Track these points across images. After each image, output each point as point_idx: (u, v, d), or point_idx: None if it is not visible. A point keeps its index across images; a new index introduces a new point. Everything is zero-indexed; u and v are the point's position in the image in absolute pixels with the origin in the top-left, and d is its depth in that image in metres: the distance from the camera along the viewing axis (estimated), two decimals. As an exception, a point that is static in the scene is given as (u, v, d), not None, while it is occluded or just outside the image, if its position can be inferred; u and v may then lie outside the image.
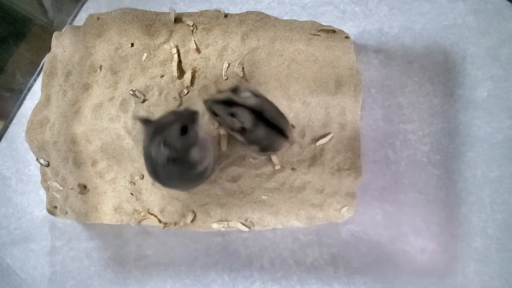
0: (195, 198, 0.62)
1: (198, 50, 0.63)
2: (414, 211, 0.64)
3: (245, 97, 0.49)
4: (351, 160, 0.60)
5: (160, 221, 0.62)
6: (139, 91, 0.62)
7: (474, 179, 0.64)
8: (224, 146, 0.60)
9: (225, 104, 0.49)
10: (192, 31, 0.64)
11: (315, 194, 0.60)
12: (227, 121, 0.50)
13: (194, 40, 0.63)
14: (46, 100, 0.66)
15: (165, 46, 0.64)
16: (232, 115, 0.48)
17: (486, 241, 0.63)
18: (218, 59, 0.63)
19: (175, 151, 0.46)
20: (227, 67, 0.62)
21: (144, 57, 0.64)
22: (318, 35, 0.63)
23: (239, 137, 0.52)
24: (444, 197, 0.64)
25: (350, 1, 0.70)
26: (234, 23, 0.63)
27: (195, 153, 0.49)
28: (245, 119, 0.48)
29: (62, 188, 0.65)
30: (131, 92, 0.62)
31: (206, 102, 0.51)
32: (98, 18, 0.66)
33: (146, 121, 0.48)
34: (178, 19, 0.64)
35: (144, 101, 0.62)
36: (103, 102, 0.64)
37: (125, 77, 0.64)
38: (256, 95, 0.50)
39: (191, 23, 0.64)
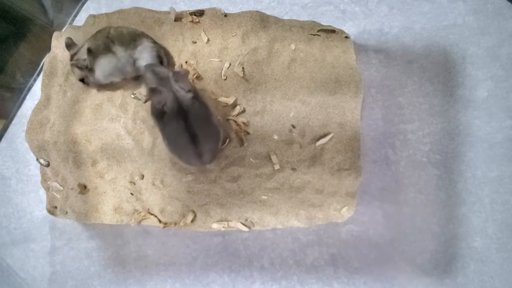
0: (195, 198, 0.62)
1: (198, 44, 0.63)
2: (414, 211, 0.64)
3: (182, 87, 0.51)
4: (351, 160, 0.60)
5: (160, 221, 0.62)
6: (140, 93, 0.63)
7: (474, 179, 0.64)
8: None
9: (159, 81, 0.51)
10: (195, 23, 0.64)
11: (315, 194, 0.60)
12: (153, 97, 0.52)
13: (194, 40, 0.64)
14: (46, 100, 0.66)
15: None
16: (157, 91, 0.51)
17: (486, 241, 0.63)
18: (218, 59, 0.63)
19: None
20: (228, 67, 0.62)
21: (144, 57, 0.64)
22: (318, 35, 0.63)
23: (153, 119, 0.55)
24: (444, 197, 0.64)
25: (350, 1, 0.70)
26: (234, 23, 0.63)
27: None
28: (164, 100, 0.51)
29: (62, 188, 0.65)
30: (132, 96, 0.63)
31: (148, 66, 0.54)
32: (98, 18, 0.66)
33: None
34: (178, 19, 0.64)
35: (146, 101, 0.62)
36: (103, 102, 0.64)
37: (125, 77, 0.64)
38: (195, 97, 0.52)
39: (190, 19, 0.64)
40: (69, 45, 0.61)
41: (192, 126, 0.52)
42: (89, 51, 0.58)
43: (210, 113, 0.54)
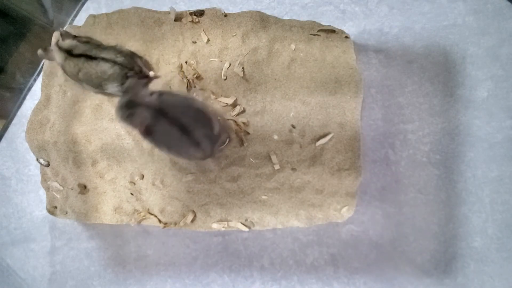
0: (195, 198, 0.62)
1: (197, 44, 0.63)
2: (414, 211, 0.64)
3: (145, 95, 0.49)
4: (351, 160, 0.60)
5: (160, 221, 0.62)
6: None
7: (474, 179, 0.64)
8: None
9: (127, 107, 0.49)
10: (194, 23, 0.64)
11: (315, 194, 0.60)
12: (134, 123, 0.50)
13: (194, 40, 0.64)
14: (46, 100, 0.66)
15: (166, 46, 0.64)
16: (131, 115, 0.48)
17: (486, 241, 0.63)
18: (218, 59, 0.63)
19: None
20: (228, 67, 0.62)
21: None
22: (318, 35, 0.63)
23: (146, 138, 0.52)
24: (444, 197, 0.64)
25: (350, 1, 0.70)
26: (234, 23, 0.63)
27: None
28: (143, 117, 0.48)
29: (62, 188, 0.65)
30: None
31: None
32: (98, 18, 0.66)
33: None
34: (178, 19, 0.64)
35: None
36: (103, 102, 0.64)
37: (125, 77, 0.64)
38: (161, 93, 0.50)
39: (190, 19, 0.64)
40: (63, 35, 0.59)
41: (175, 118, 0.50)
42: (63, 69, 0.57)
43: (189, 99, 0.53)
